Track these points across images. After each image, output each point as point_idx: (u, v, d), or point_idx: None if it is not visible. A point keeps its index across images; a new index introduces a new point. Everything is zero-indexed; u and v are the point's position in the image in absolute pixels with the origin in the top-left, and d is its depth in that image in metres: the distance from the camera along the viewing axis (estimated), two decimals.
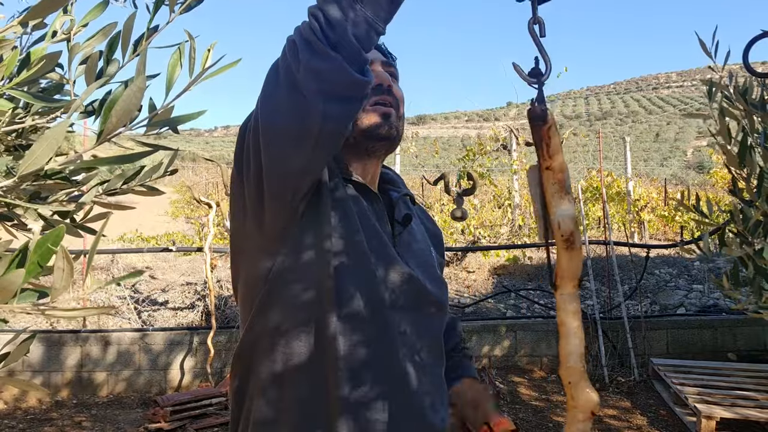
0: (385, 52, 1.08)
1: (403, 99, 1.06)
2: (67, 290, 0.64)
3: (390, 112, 1.00)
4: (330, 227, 0.92)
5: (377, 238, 0.97)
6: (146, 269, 6.13)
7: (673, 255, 6.99)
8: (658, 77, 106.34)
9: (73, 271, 0.61)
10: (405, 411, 0.94)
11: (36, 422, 3.93)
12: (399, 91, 1.05)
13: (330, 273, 0.90)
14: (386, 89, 1.01)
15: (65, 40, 1.07)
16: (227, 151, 50.35)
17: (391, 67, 1.06)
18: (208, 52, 0.91)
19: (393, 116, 1.01)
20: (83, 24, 1.09)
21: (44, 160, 0.72)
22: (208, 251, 4.66)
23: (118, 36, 1.02)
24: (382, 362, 0.93)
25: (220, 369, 4.56)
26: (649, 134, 55.73)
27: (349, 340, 0.91)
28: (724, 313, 5.05)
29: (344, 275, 0.92)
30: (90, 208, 1.18)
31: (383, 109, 1.00)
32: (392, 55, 1.10)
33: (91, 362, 4.47)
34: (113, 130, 0.77)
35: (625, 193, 9.55)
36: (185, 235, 9.64)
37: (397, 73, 1.08)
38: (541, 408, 4.04)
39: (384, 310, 0.94)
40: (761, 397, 3.62)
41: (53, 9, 0.82)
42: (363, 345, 0.92)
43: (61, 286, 0.61)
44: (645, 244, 6.71)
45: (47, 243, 0.64)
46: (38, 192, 1.10)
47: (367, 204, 1.00)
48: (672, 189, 14.39)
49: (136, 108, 0.77)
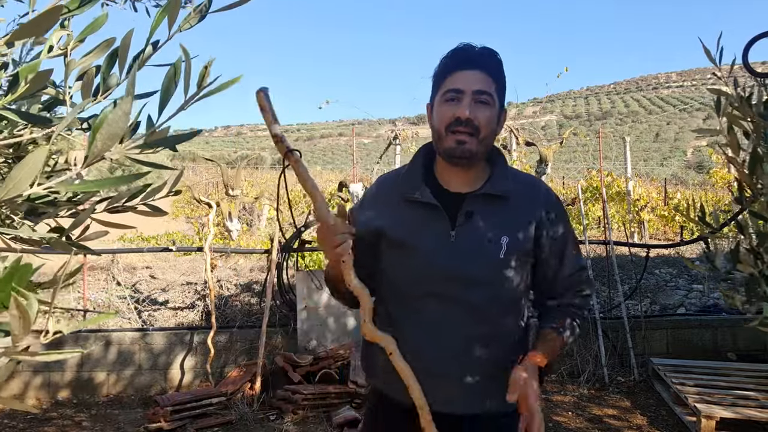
0: (493, 75, 1.35)
1: (488, 122, 1.33)
2: (27, 335, 0.62)
3: (463, 140, 1.32)
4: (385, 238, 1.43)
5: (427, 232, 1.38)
6: (146, 269, 6.13)
7: (673, 255, 6.99)
8: (658, 77, 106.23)
9: (30, 320, 0.60)
10: (421, 363, 1.31)
11: (36, 422, 3.93)
12: (483, 117, 1.32)
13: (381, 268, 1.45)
14: (464, 121, 1.31)
15: (62, 55, 1.06)
16: (227, 150, 50.30)
17: (482, 94, 1.32)
18: (206, 70, 0.90)
19: (467, 142, 1.32)
20: (80, 39, 1.08)
21: (25, 185, 0.70)
22: (208, 251, 4.66)
23: (116, 52, 1.02)
24: (410, 320, 1.39)
25: (220, 369, 4.56)
26: (649, 134, 55.70)
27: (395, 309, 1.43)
28: (724, 313, 5.05)
29: (390, 267, 1.43)
30: (87, 226, 1.17)
31: (457, 137, 1.33)
32: (496, 74, 1.36)
33: (91, 362, 4.47)
34: (101, 152, 0.76)
35: (625, 193, 9.55)
36: (185, 235, 9.64)
37: (491, 92, 1.33)
38: (540, 408, 4.04)
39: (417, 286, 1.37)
40: (761, 396, 3.62)
41: (43, 29, 0.80)
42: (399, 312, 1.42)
43: (20, 332, 0.60)
44: (645, 244, 6.71)
45: (11, 283, 0.62)
46: (35, 208, 1.08)
47: (423, 210, 1.38)
48: (672, 189, 14.38)
49: (123, 131, 0.76)
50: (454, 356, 1.35)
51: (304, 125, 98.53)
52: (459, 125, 1.30)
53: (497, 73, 1.34)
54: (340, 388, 4.04)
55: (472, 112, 1.29)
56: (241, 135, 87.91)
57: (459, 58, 1.33)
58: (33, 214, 1.10)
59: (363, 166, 14.28)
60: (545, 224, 1.37)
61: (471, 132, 1.30)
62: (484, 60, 1.33)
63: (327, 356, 4.27)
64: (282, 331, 4.67)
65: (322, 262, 5.64)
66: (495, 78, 1.33)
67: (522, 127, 8.90)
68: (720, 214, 1.86)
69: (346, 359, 4.23)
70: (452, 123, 1.30)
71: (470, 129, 1.30)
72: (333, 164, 40.50)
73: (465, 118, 1.29)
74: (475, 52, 1.33)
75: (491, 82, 1.32)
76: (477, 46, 1.34)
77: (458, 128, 1.30)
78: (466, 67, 1.31)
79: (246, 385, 4.23)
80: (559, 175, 15.88)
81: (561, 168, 18.32)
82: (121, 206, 1.16)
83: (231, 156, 32.99)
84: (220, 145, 67.80)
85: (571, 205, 10.99)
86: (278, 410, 4.00)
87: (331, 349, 4.38)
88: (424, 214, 1.38)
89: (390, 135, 7.74)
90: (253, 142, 74.85)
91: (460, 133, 1.30)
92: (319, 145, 67.09)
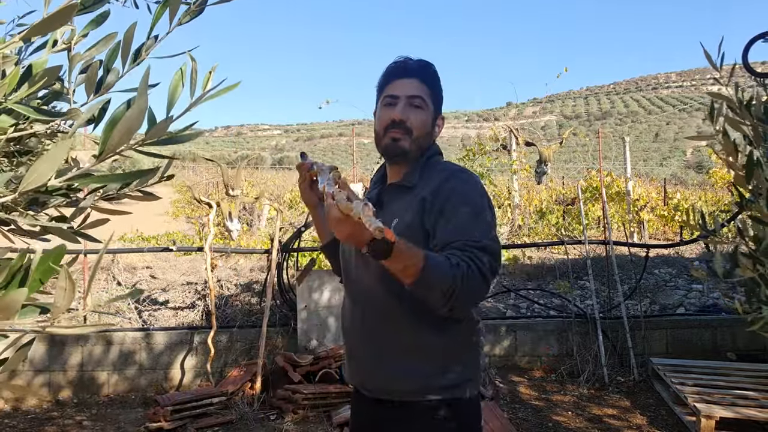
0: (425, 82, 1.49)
1: (421, 124, 1.46)
2: (68, 308, 0.64)
3: (397, 137, 1.45)
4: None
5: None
6: (146, 269, 6.14)
7: (673, 255, 6.99)
8: (658, 77, 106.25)
9: (75, 291, 0.62)
10: (349, 345, 1.55)
11: (37, 422, 3.94)
12: (416, 119, 1.45)
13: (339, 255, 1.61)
14: (398, 122, 1.44)
15: (66, 49, 1.07)
16: (227, 150, 50.29)
17: (415, 98, 1.46)
18: (210, 75, 0.92)
19: (401, 140, 1.45)
20: (83, 34, 1.09)
21: (46, 177, 0.73)
22: (208, 251, 4.66)
23: (119, 46, 1.03)
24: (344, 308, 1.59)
25: (220, 368, 4.56)
26: (649, 134, 55.74)
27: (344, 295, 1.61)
28: (724, 312, 5.06)
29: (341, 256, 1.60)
30: (88, 214, 1.18)
31: (392, 135, 1.46)
32: (428, 75, 1.50)
33: (92, 362, 4.47)
34: (115, 148, 0.77)
35: (625, 193, 9.56)
36: (185, 235, 9.64)
37: (424, 97, 1.47)
38: (540, 407, 4.04)
39: (346, 275, 1.56)
40: (761, 396, 3.63)
41: (56, 26, 0.82)
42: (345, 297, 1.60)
43: (62, 304, 0.61)
44: (644, 244, 6.71)
45: (48, 261, 0.65)
46: (36, 198, 1.10)
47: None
48: (671, 189, 14.38)
49: (138, 128, 0.77)
50: (357, 337, 1.50)
51: (304, 125, 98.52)
52: (394, 126, 1.44)
53: (431, 81, 1.49)
54: (340, 387, 4.05)
55: (405, 114, 1.44)
56: (241, 135, 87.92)
57: (396, 69, 1.49)
58: (34, 205, 1.11)
59: (363, 166, 14.29)
60: (428, 202, 1.37)
61: (404, 132, 1.44)
62: (419, 70, 1.48)
63: (327, 356, 4.27)
64: (282, 330, 4.68)
65: (322, 262, 5.64)
66: (429, 85, 1.48)
67: (522, 127, 8.92)
68: (720, 214, 1.87)
69: None
70: (389, 125, 1.45)
71: (403, 129, 1.44)
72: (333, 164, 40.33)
73: (398, 119, 1.44)
74: (411, 63, 1.48)
75: (425, 88, 1.47)
76: (413, 59, 1.50)
77: (393, 129, 1.45)
78: (402, 76, 1.47)
79: (246, 385, 4.24)
80: (559, 175, 15.89)
81: (561, 168, 18.33)
82: (115, 194, 1.18)
83: (231, 156, 33.01)
84: (220, 145, 67.82)
85: (571, 205, 11.01)
86: (278, 410, 4.01)
87: (331, 349, 4.39)
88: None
89: None
90: (253, 142, 74.89)
91: (394, 132, 1.45)
92: (319, 145, 67.07)
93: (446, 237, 1.30)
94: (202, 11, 1.14)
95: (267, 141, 77.17)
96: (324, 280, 4.68)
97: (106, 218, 1.18)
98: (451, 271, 1.19)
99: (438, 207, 1.35)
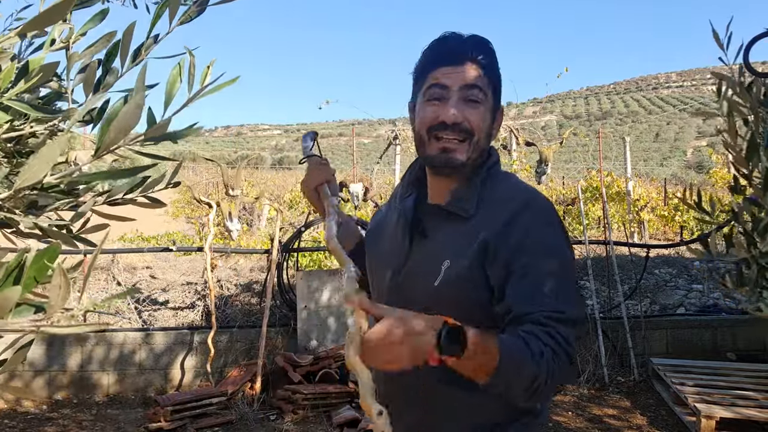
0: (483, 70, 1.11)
1: (482, 124, 1.11)
2: (63, 306, 0.64)
3: (450, 147, 1.10)
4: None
5: (390, 247, 1.24)
6: (146, 269, 6.14)
7: (673, 255, 6.99)
8: (658, 77, 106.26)
9: (69, 289, 0.62)
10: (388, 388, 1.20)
11: (36, 422, 3.94)
12: (475, 119, 1.10)
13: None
14: (450, 125, 1.09)
15: (64, 48, 1.07)
16: (227, 150, 50.29)
17: (472, 89, 1.09)
18: (208, 69, 0.91)
19: (456, 150, 1.10)
20: (82, 33, 1.09)
21: (42, 174, 0.72)
22: (208, 251, 4.66)
23: (117, 45, 1.02)
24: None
25: (220, 368, 4.56)
26: (649, 134, 55.73)
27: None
28: (724, 312, 5.05)
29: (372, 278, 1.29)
30: (88, 219, 1.16)
31: (442, 144, 1.11)
32: (485, 64, 1.11)
33: (91, 362, 4.47)
34: (111, 144, 0.76)
35: (625, 193, 9.55)
36: (185, 235, 9.64)
37: (483, 87, 1.11)
38: None
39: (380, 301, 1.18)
40: (761, 396, 3.63)
41: (53, 21, 0.81)
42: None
43: (57, 303, 0.61)
44: (645, 244, 6.72)
45: (43, 259, 0.64)
46: (35, 201, 1.09)
47: (400, 219, 1.22)
48: (672, 189, 14.38)
49: (135, 124, 0.76)
50: (396, 388, 1.18)
51: (304, 125, 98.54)
52: (445, 129, 1.08)
53: (489, 65, 1.11)
54: (341, 387, 4.04)
55: (460, 113, 1.07)
56: (241, 135, 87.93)
57: (444, 50, 1.11)
58: (33, 208, 1.11)
59: (363, 166, 14.29)
60: (493, 248, 1.04)
61: (461, 138, 1.09)
62: (475, 49, 1.10)
63: (327, 356, 4.27)
64: (282, 331, 4.68)
65: (322, 262, 5.64)
66: (487, 71, 1.10)
67: (522, 127, 8.91)
68: (719, 207, 1.87)
69: None
70: (436, 126, 1.09)
71: (458, 134, 1.08)
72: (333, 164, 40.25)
73: (451, 122, 1.08)
74: (464, 42, 1.10)
75: (482, 76, 1.10)
76: (464, 35, 1.12)
77: (444, 133, 1.09)
78: (453, 59, 1.09)
79: (246, 385, 4.24)
80: (559, 175, 15.87)
81: (561, 168, 18.31)
82: (120, 199, 1.16)
83: (231, 156, 32.99)
84: (220, 145, 67.80)
85: (571, 205, 11.00)
86: (278, 410, 4.01)
87: (331, 349, 4.39)
88: (396, 224, 1.22)
89: (390, 135, 7.74)
90: (253, 142, 74.89)
91: (446, 140, 1.09)
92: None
93: (521, 307, 0.99)
94: (202, 11, 1.13)
95: (267, 141, 77.18)
96: (324, 280, 4.68)
97: (106, 223, 1.17)
98: (534, 364, 0.91)
99: (508, 259, 1.02)
